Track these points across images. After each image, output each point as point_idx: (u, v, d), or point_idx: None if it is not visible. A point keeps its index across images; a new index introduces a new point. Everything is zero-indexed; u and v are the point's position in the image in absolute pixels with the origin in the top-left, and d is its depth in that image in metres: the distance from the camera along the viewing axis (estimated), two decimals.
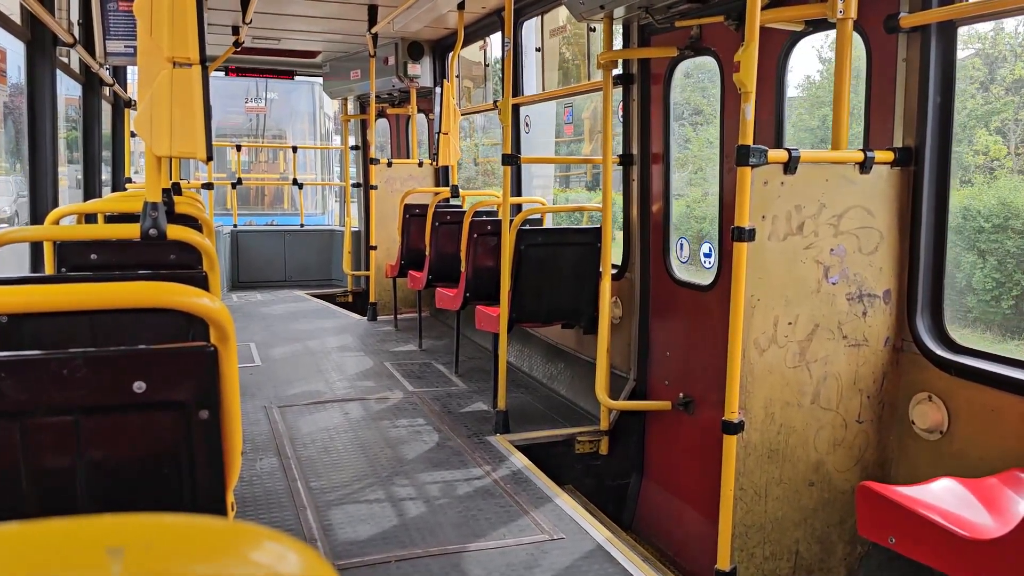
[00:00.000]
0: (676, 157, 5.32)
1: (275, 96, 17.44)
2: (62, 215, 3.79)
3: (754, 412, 3.46)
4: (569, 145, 15.83)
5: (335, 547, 3.74)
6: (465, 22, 7.35)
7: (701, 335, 4.95)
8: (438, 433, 5.35)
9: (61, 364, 1.64)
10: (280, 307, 10.01)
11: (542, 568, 3.58)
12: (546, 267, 5.64)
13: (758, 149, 3.19)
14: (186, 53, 2.39)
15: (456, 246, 6.77)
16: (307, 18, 8.45)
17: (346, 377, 6.74)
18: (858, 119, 3.81)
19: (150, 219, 2.51)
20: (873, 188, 3.53)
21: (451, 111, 7.69)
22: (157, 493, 1.78)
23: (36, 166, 5.00)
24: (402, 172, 9.64)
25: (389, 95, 10.11)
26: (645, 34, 5.22)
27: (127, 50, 6.16)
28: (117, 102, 8.51)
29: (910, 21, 3.41)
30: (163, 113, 2.38)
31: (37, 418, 1.65)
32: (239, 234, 11.72)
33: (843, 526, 3.70)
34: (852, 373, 3.61)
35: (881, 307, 3.62)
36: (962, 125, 10.82)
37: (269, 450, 4.99)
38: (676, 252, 5.32)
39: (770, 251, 3.38)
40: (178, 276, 2.75)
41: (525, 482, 4.53)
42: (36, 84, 5.02)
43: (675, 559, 4.99)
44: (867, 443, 3.68)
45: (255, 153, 18.29)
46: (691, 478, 5.00)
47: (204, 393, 1.74)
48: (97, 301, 1.72)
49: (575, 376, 6.31)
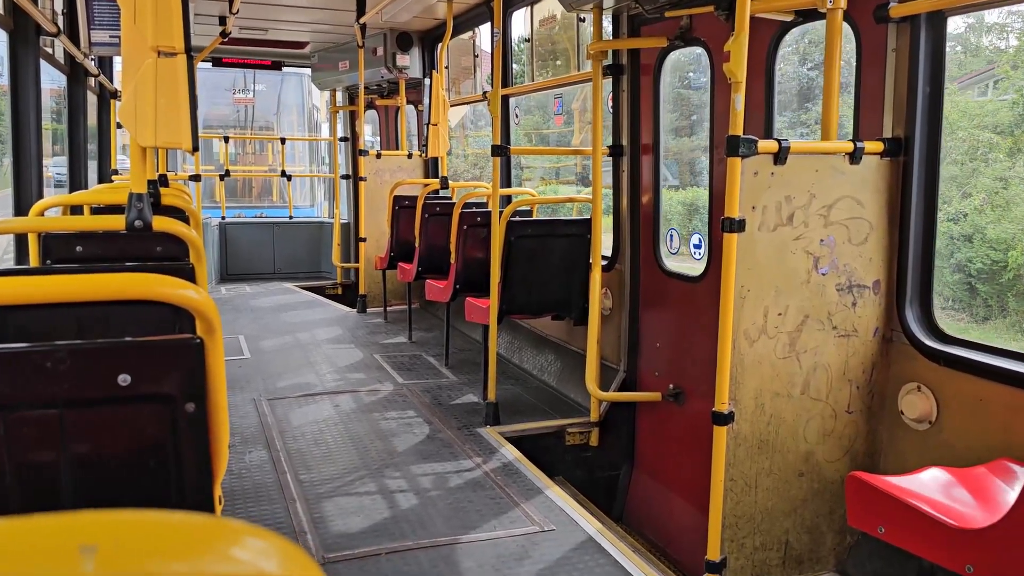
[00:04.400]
0: (667, 147, 5.32)
1: (263, 87, 17.32)
2: (47, 206, 3.75)
3: (744, 403, 3.47)
4: (560, 136, 15.82)
5: (325, 540, 3.73)
6: (454, 12, 7.31)
7: (691, 326, 4.95)
8: (428, 425, 5.34)
9: (45, 357, 1.62)
10: (269, 299, 9.97)
11: (533, 560, 3.58)
12: (536, 258, 5.62)
13: (748, 139, 3.18)
14: (171, 42, 2.36)
15: (446, 238, 6.75)
16: (295, 8, 8.39)
17: (336, 369, 6.72)
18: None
19: (135, 211, 2.48)
20: (863, 178, 3.53)
21: (440, 102, 7.65)
22: (143, 487, 1.77)
23: (20, 157, 4.94)
24: (391, 163, 9.60)
25: (378, 86, 10.05)
26: (635, 24, 5.20)
27: (112, 40, 6.10)
28: (103, 93, 8.43)
29: (900, 11, 3.41)
30: (147, 103, 2.35)
31: (20, 411, 1.63)
32: (227, 226, 11.66)
33: (833, 516, 3.72)
34: (842, 364, 3.61)
35: (871, 297, 3.63)
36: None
37: (259, 443, 4.96)
38: (666, 243, 5.31)
39: (760, 242, 3.38)
40: (164, 268, 2.73)
41: (515, 474, 4.53)
42: (19, 75, 4.96)
43: (665, 550, 5.00)
44: (857, 433, 3.69)
45: (243, 145, 18.19)
46: (681, 469, 5.01)
47: (190, 386, 1.72)
48: (82, 293, 1.70)
49: (565, 367, 6.31)
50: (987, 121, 9.33)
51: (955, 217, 9.10)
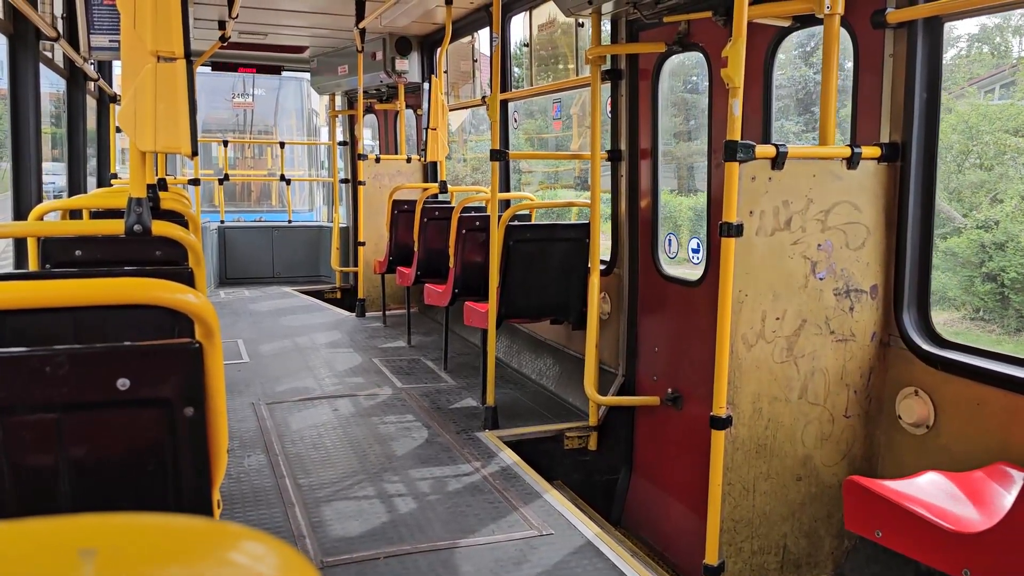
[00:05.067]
0: (664, 152, 5.33)
1: (262, 92, 17.34)
2: (46, 211, 3.75)
3: (742, 407, 3.47)
4: (558, 140, 15.81)
5: (324, 544, 3.73)
6: (453, 17, 7.33)
7: (689, 331, 4.96)
8: (427, 429, 5.34)
9: (44, 361, 1.62)
10: (268, 303, 9.97)
11: (531, 564, 3.58)
12: (535, 263, 5.63)
13: (746, 144, 3.19)
14: (170, 47, 2.36)
15: (444, 242, 6.76)
16: (294, 13, 8.40)
17: (335, 373, 6.72)
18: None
19: (135, 215, 2.49)
20: (860, 183, 3.54)
21: (439, 106, 7.66)
22: (141, 491, 1.77)
23: (19, 162, 4.95)
24: (390, 168, 9.61)
25: (377, 91, 10.07)
26: (633, 30, 5.21)
27: (112, 44, 6.10)
28: (102, 97, 8.44)
29: (897, 17, 3.42)
30: (147, 108, 2.36)
31: (19, 415, 1.63)
32: (227, 230, 11.67)
33: (830, 520, 3.72)
34: (839, 368, 3.62)
35: (868, 302, 3.64)
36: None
37: (257, 447, 4.96)
38: (664, 248, 5.32)
39: (758, 246, 3.39)
40: (163, 272, 2.73)
41: (514, 478, 4.53)
42: (19, 79, 4.96)
43: (664, 554, 5.00)
44: (854, 438, 3.69)
45: (242, 149, 18.20)
46: (679, 473, 5.01)
47: (189, 390, 1.72)
48: (81, 297, 1.71)
49: (564, 372, 6.31)
50: (1010, 125, 9.19)
51: (986, 224, 8.85)
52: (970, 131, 9.11)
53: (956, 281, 8.94)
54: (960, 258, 8.84)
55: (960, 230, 9.00)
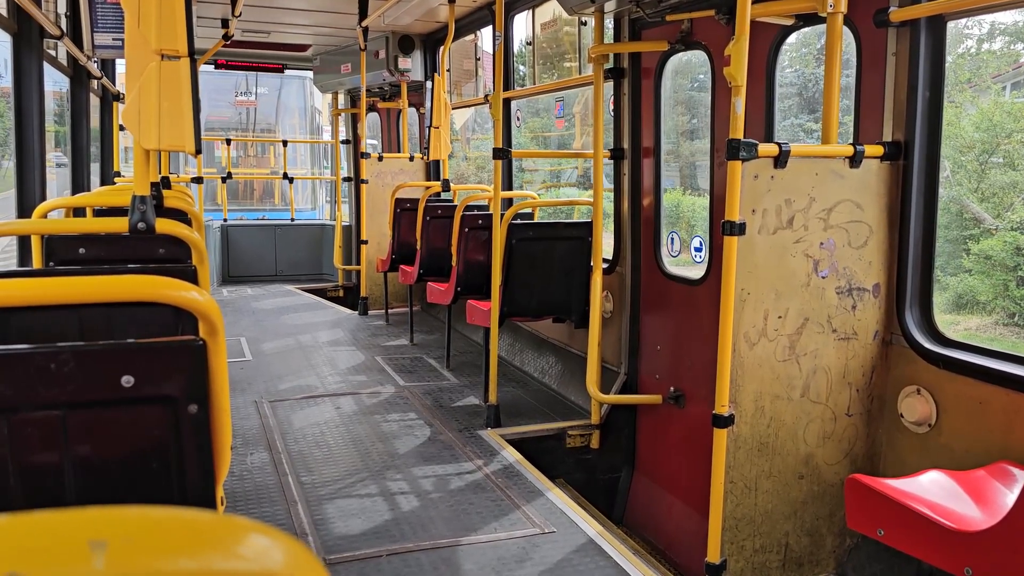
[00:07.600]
0: (674, 151, 5.33)
1: (265, 90, 17.35)
2: (50, 208, 3.76)
3: (744, 406, 3.47)
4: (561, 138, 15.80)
5: (326, 542, 3.74)
6: (456, 15, 7.33)
7: (691, 329, 4.96)
8: (430, 427, 5.34)
9: (48, 358, 1.63)
10: (271, 301, 9.98)
11: (533, 562, 3.58)
12: (537, 261, 5.63)
13: (748, 143, 3.19)
14: (174, 45, 2.37)
15: (447, 240, 6.76)
16: (297, 11, 8.41)
17: (337, 371, 6.73)
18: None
19: (138, 213, 2.49)
20: (863, 182, 3.54)
21: (442, 105, 7.67)
22: (145, 488, 1.77)
23: (23, 160, 4.96)
24: (393, 166, 9.62)
25: (380, 89, 10.08)
26: (636, 28, 5.21)
27: (115, 43, 6.12)
28: (106, 95, 8.46)
29: (900, 15, 3.42)
30: (151, 106, 2.36)
31: (24, 413, 1.64)
32: (229, 228, 11.68)
33: (832, 519, 3.72)
34: (841, 366, 3.62)
35: (870, 301, 3.64)
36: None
37: (260, 445, 4.98)
38: (667, 246, 5.32)
39: (760, 245, 3.39)
40: (167, 270, 2.73)
41: (516, 476, 4.53)
42: (23, 77, 4.98)
43: (666, 552, 5.00)
44: (856, 436, 3.70)
45: (245, 147, 18.21)
46: (681, 472, 5.01)
47: (193, 387, 1.73)
48: (85, 295, 1.71)
49: (566, 370, 6.32)
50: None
51: (1020, 226, 8.64)
52: (994, 129, 8.94)
53: (989, 285, 8.78)
54: (994, 260, 8.67)
55: (991, 232, 8.84)
